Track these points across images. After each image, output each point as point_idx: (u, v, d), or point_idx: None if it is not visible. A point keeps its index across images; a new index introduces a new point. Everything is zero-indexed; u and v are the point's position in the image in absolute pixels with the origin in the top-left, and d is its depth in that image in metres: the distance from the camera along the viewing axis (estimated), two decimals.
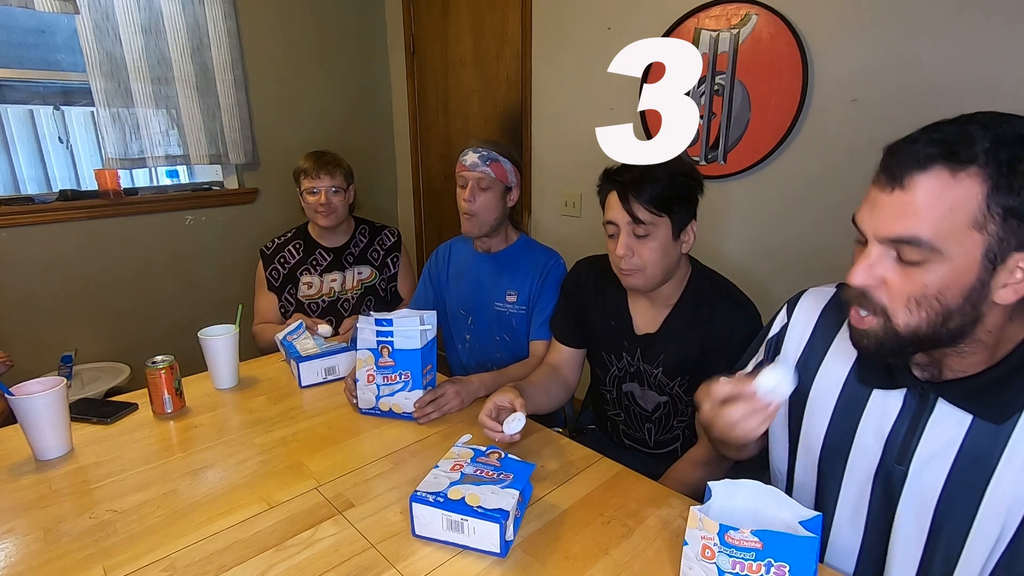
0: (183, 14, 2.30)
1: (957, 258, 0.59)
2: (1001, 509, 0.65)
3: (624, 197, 1.08)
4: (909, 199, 0.59)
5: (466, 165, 1.43)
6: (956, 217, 0.58)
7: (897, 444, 0.72)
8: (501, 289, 1.51)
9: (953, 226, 0.58)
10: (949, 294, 0.60)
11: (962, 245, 0.58)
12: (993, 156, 0.56)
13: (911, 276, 0.61)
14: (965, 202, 0.57)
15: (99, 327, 2.36)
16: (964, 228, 0.58)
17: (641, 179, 1.06)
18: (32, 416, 1.01)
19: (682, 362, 1.17)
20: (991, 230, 0.58)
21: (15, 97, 2.74)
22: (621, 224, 1.10)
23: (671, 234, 1.10)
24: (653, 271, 1.11)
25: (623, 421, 1.33)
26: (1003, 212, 0.57)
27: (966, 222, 0.58)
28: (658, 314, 1.20)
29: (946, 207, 0.58)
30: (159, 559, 0.79)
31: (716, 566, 0.66)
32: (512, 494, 0.81)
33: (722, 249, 1.95)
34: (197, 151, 2.44)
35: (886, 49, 1.53)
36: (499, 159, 1.43)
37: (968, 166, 0.57)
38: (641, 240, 1.09)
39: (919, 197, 0.59)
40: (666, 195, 1.06)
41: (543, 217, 2.52)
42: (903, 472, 0.71)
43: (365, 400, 1.19)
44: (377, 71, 3.04)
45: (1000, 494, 0.64)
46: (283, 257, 1.82)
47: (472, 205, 1.42)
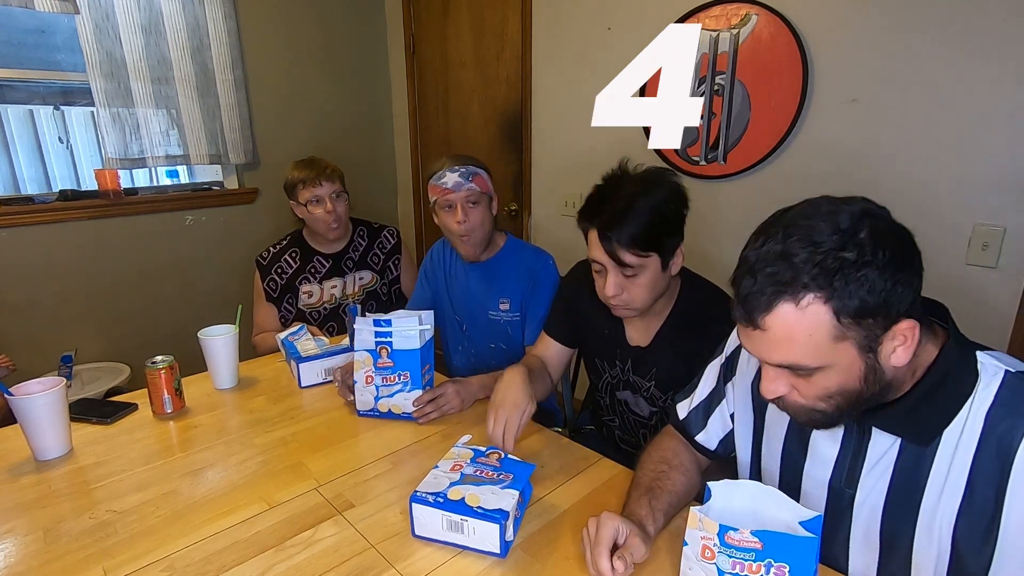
0: (183, 14, 2.30)
1: (840, 362, 0.63)
2: (934, 529, 0.67)
3: (605, 238, 1.00)
4: (772, 336, 0.64)
5: (448, 187, 1.36)
6: (818, 339, 0.62)
7: (845, 468, 0.75)
8: (493, 298, 1.49)
9: (819, 345, 0.62)
10: (849, 385, 0.65)
11: (836, 354, 0.63)
12: (819, 277, 0.60)
13: (812, 383, 0.66)
14: (819, 326, 0.61)
15: (99, 327, 2.36)
16: (830, 344, 0.62)
17: (620, 218, 0.98)
18: (32, 416, 1.01)
19: (674, 376, 1.13)
20: (853, 334, 0.62)
21: (15, 97, 2.74)
22: (606, 264, 1.03)
23: (660, 268, 1.04)
24: (644, 304, 1.08)
25: (618, 427, 1.32)
26: (852, 317, 0.61)
27: (828, 340, 0.62)
28: (649, 328, 1.18)
29: (805, 335, 0.62)
30: (159, 559, 0.79)
31: (716, 566, 0.66)
32: (512, 494, 0.81)
33: (722, 250, 1.95)
34: (197, 151, 2.44)
35: (886, 49, 1.53)
36: (479, 171, 1.39)
37: (804, 294, 0.61)
38: (630, 279, 1.04)
39: (778, 334, 0.63)
40: (651, 235, 0.99)
41: (543, 217, 2.52)
42: (851, 495, 0.74)
43: (363, 402, 1.19)
44: (377, 71, 3.04)
45: (930, 515, 0.67)
46: (280, 267, 1.77)
47: (467, 225, 1.37)
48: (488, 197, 1.43)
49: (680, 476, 0.90)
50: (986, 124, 1.42)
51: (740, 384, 0.90)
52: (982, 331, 1.49)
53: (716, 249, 1.97)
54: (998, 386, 0.65)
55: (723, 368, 0.93)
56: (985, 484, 0.63)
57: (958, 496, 0.65)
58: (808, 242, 0.61)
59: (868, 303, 0.60)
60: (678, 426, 0.98)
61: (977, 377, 0.66)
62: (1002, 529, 0.63)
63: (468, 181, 1.37)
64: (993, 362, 0.67)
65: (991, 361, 0.67)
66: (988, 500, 0.63)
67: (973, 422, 0.65)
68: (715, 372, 0.95)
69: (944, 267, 1.52)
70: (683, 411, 0.97)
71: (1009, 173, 1.41)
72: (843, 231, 0.60)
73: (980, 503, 0.64)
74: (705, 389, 0.95)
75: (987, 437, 0.64)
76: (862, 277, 0.59)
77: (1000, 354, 0.69)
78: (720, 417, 0.93)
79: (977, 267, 1.49)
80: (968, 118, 1.45)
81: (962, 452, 0.65)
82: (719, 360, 0.94)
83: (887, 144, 1.57)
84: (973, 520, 0.65)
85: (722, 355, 0.94)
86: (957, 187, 1.49)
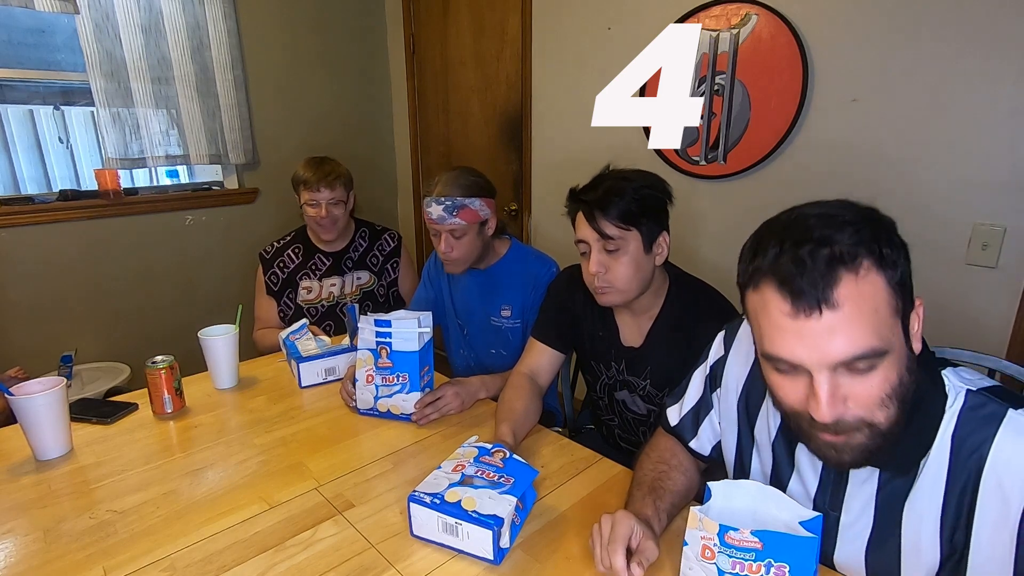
0: (183, 14, 2.30)
1: (896, 344, 0.60)
2: (918, 558, 0.66)
3: (590, 215, 1.07)
4: (842, 316, 0.57)
5: (433, 219, 1.36)
6: (882, 313, 0.58)
7: (828, 490, 0.74)
8: (495, 304, 1.49)
9: (885, 322, 0.58)
10: (904, 376, 0.61)
11: (894, 332, 0.60)
12: (867, 243, 0.57)
13: (871, 381, 0.60)
14: (881, 296, 0.58)
15: (99, 327, 2.36)
16: (890, 319, 0.59)
17: (606, 196, 1.06)
18: (32, 416, 1.01)
19: (668, 375, 1.15)
20: (901, 307, 0.60)
21: (15, 97, 2.74)
22: (591, 241, 1.09)
23: (642, 247, 1.08)
24: (627, 286, 1.10)
25: (618, 426, 1.32)
26: (900, 286, 0.59)
27: (890, 313, 0.59)
28: (641, 327, 1.19)
29: (872, 309, 0.58)
30: (159, 559, 0.79)
31: (716, 566, 0.66)
32: (510, 500, 0.79)
33: (722, 250, 1.95)
34: (197, 151, 2.44)
35: (886, 49, 1.53)
36: (465, 204, 1.35)
37: (860, 260, 0.57)
38: (612, 255, 1.08)
39: (849, 311, 0.57)
40: (632, 209, 1.06)
41: (543, 218, 2.52)
42: (836, 517, 0.73)
43: (364, 401, 1.19)
44: (377, 71, 3.04)
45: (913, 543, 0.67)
46: (282, 261, 1.81)
47: (452, 254, 1.39)
48: (478, 224, 1.39)
49: (680, 476, 0.90)
50: (986, 124, 1.42)
51: (725, 398, 0.89)
52: (982, 331, 1.49)
53: (715, 249, 1.97)
54: (961, 407, 0.64)
55: (708, 378, 0.92)
56: (958, 501, 0.63)
57: (936, 519, 0.65)
58: (829, 220, 0.59)
59: (906, 272, 0.58)
60: (672, 432, 0.97)
61: (945, 398, 0.65)
62: (973, 539, 0.62)
63: (452, 216, 1.34)
64: (956, 382, 0.66)
65: (954, 381, 0.66)
66: (961, 516, 0.63)
67: (942, 445, 0.64)
68: (701, 380, 0.93)
69: (944, 267, 1.52)
70: (674, 417, 0.97)
71: (1009, 173, 1.41)
72: (849, 207, 0.59)
73: (954, 522, 0.64)
74: (693, 397, 0.94)
75: (956, 455, 0.63)
76: (895, 243, 0.58)
77: (961, 369, 0.68)
78: (710, 425, 0.92)
79: (977, 267, 1.48)
80: (968, 118, 1.45)
81: (935, 475, 0.64)
82: (703, 369, 0.93)
83: (887, 144, 1.57)
84: (954, 542, 0.64)
85: (706, 363, 0.92)
86: (957, 187, 1.48)
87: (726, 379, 0.88)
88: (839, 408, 0.60)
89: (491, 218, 1.42)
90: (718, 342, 0.91)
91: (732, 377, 0.87)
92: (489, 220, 1.42)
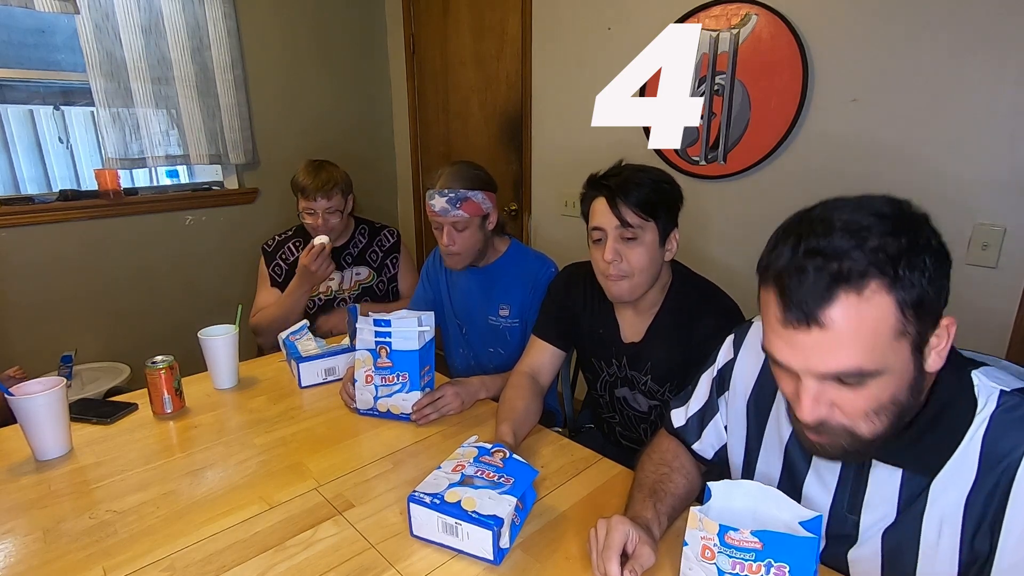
0: (183, 14, 2.30)
1: (896, 365, 0.58)
2: (935, 556, 0.66)
3: (612, 201, 1.07)
4: (832, 335, 0.57)
5: (436, 211, 1.36)
6: (882, 336, 0.57)
7: (847, 493, 0.73)
8: (494, 304, 1.49)
9: (883, 343, 0.57)
10: (900, 395, 0.60)
11: (894, 355, 0.58)
12: (882, 264, 0.55)
13: (860, 394, 0.60)
14: (884, 319, 0.56)
15: (99, 327, 2.36)
16: (891, 342, 0.57)
17: (627, 183, 1.07)
18: (32, 416, 1.01)
19: (669, 369, 1.16)
20: (912, 330, 0.58)
21: (15, 97, 2.74)
22: (608, 229, 1.08)
23: (658, 239, 1.09)
24: (640, 278, 1.10)
25: (619, 423, 1.33)
26: (914, 309, 0.56)
27: (890, 337, 0.57)
28: (642, 323, 1.19)
29: (869, 331, 0.56)
30: (159, 559, 0.79)
31: (716, 566, 0.66)
32: (509, 501, 0.79)
33: (722, 250, 1.95)
34: (197, 151, 2.44)
35: (886, 49, 1.53)
36: (468, 196, 1.35)
37: (867, 281, 0.55)
38: (629, 244, 1.08)
39: (841, 331, 0.56)
40: (653, 199, 1.07)
41: (543, 218, 2.52)
42: (855, 521, 0.72)
43: (363, 401, 1.19)
44: (377, 71, 3.04)
45: (933, 547, 0.66)
46: (284, 254, 1.83)
47: (453, 247, 1.38)
48: (480, 218, 1.40)
49: (681, 479, 0.90)
50: (986, 124, 1.42)
51: (733, 402, 0.89)
52: (982, 331, 1.49)
53: (716, 249, 1.97)
54: (993, 409, 0.63)
55: (715, 381, 0.92)
56: (985, 502, 0.62)
57: (958, 520, 0.64)
58: (854, 229, 0.56)
59: (927, 293, 0.56)
60: (675, 433, 0.97)
61: (975, 402, 0.64)
62: (1001, 542, 0.61)
63: (455, 208, 1.34)
64: (988, 382, 0.65)
65: (986, 381, 0.65)
66: (987, 518, 0.62)
67: (971, 446, 0.63)
68: (707, 384, 0.93)
69: None
70: (679, 419, 0.96)
71: (1009, 173, 1.41)
72: (885, 216, 0.56)
73: (977, 523, 0.63)
74: (699, 400, 0.94)
75: (986, 458, 0.62)
76: (921, 263, 0.55)
77: (992, 369, 0.67)
78: (714, 429, 0.92)
79: (977, 267, 1.48)
80: (968, 118, 1.45)
81: (962, 475, 0.63)
82: (711, 372, 0.93)
83: (887, 144, 1.57)
84: (975, 548, 0.63)
85: (714, 367, 0.92)
86: (957, 187, 1.48)
87: (734, 382, 0.88)
88: (822, 412, 0.62)
89: (492, 212, 1.43)
90: (727, 345, 0.91)
91: (741, 379, 0.87)
92: (491, 214, 1.42)
